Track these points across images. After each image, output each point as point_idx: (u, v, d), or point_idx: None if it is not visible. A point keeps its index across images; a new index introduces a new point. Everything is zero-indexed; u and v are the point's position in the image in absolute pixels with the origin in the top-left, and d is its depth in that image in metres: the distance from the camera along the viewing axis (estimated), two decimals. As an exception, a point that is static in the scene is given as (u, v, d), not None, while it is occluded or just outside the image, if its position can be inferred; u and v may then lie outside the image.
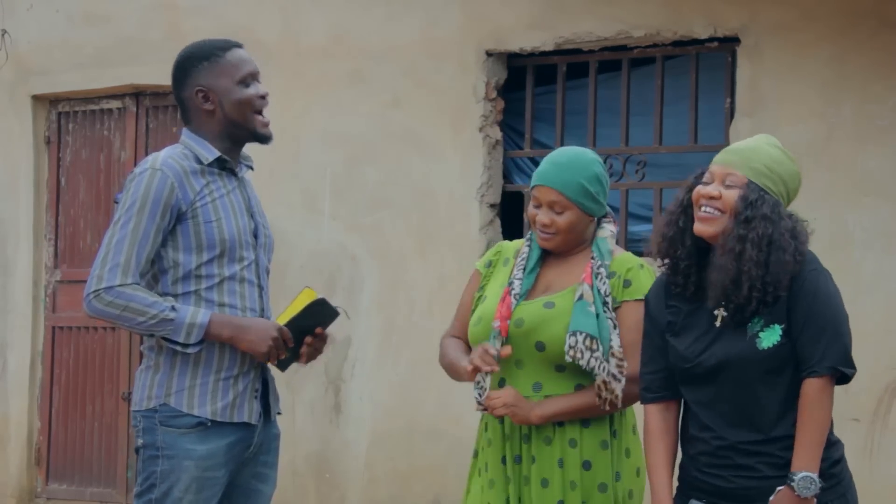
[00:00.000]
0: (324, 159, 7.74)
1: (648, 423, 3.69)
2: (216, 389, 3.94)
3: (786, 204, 3.58)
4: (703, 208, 3.57)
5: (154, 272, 3.98)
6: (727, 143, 6.69)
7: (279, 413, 4.18)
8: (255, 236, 4.08)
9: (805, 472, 3.44)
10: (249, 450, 4.04)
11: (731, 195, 3.54)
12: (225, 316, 3.94)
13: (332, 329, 4.23)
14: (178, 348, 3.91)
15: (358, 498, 7.58)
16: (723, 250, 3.53)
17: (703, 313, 3.58)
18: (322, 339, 4.14)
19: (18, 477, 8.67)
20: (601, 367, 3.74)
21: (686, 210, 3.63)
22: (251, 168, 4.19)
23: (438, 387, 7.04)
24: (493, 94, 7.32)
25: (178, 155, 3.99)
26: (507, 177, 7.43)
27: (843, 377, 3.52)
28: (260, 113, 4.07)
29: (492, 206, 7.33)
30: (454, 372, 3.98)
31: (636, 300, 3.83)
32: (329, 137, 7.73)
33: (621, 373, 3.76)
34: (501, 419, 3.90)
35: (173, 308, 3.87)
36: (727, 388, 3.54)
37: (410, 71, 7.52)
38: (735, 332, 3.53)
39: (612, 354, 3.76)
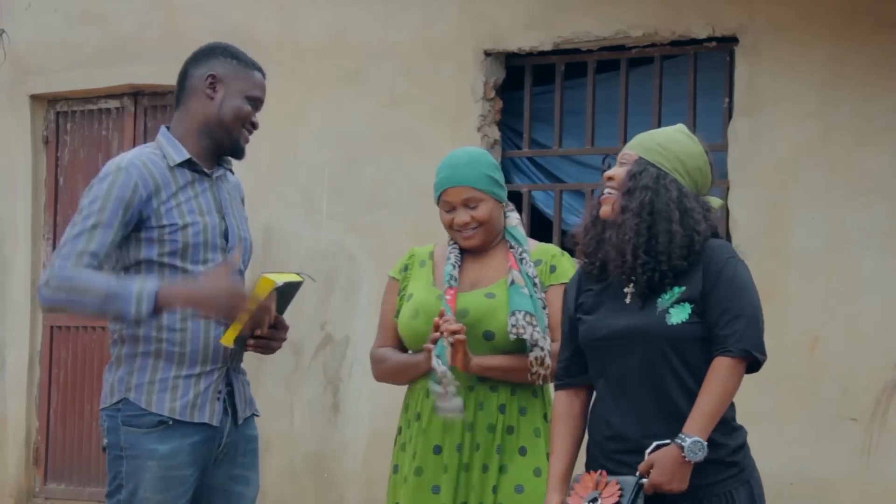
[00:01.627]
0: (322, 159, 7.74)
1: (555, 407, 3.74)
2: (176, 386, 3.91)
3: (691, 184, 3.62)
4: (604, 191, 3.66)
5: (118, 269, 3.94)
6: (725, 143, 6.70)
7: (256, 415, 4.13)
8: (226, 238, 4.03)
9: (697, 437, 3.42)
10: (219, 450, 3.99)
11: (621, 172, 3.63)
12: (176, 286, 3.85)
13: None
14: (131, 331, 3.86)
15: (356, 498, 7.58)
16: (611, 224, 3.62)
17: (614, 291, 3.63)
18: (280, 328, 4.03)
19: (17, 476, 8.67)
20: (542, 340, 3.89)
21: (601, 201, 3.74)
22: (230, 170, 4.15)
23: (437, 386, 7.03)
24: (492, 94, 7.32)
25: (147, 156, 3.95)
26: (505, 177, 7.43)
27: (754, 365, 3.53)
28: (246, 131, 4.06)
29: (490, 205, 7.33)
30: (405, 368, 4.05)
31: (561, 283, 3.98)
32: (327, 137, 7.73)
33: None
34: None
35: (119, 282, 3.81)
36: (634, 362, 3.55)
37: (408, 70, 7.52)
38: (644, 306, 3.57)
39: (547, 334, 3.92)
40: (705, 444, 3.42)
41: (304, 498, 7.73)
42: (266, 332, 3.97)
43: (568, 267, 4.04)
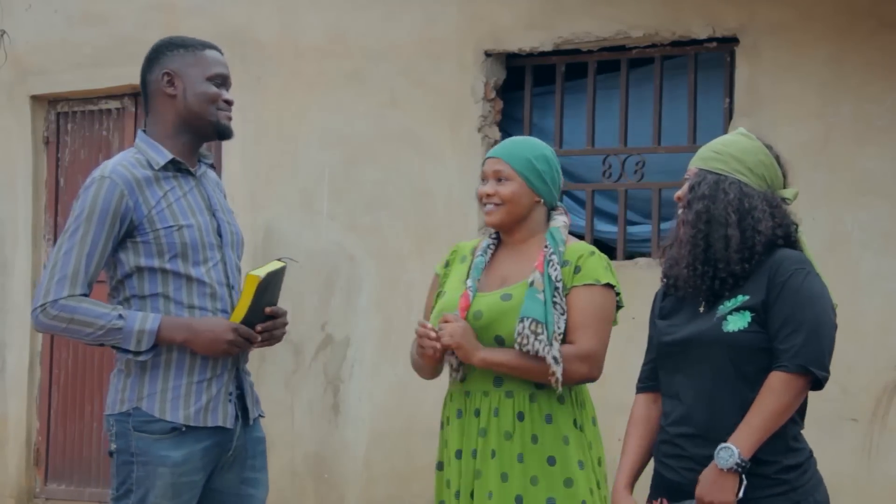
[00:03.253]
0: (322, 159, 7.74)
1: (633, 410, 3.74)
2: (189, 393, 3.89)
3: (757, 181, 3.57)
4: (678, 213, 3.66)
5: (119, 277, 3.92)
6: (725, 144, 6.69)
7: (262, 416, 4.11)
8: (220, 235, 4.01)
9: (730, 444, 3.40)
10: (229, 453, 3.98)
11: (685, 189, 3.62)
12: (176, 319, 3.86)
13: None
14: (130, 356, 3.85)
15: (357, 498, 7.58)
16: (677, 242, 3.62)
17: (693, 301, 3.61)
18: (279, 318, 4.01)
19: (17, 477, 8.67)
20: (545, 350, 3.80)
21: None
22: (211, 166, 4.13)
23: (437, 387, 6.99)
24: (492, 95, 7.32)
25: (130, 162, 3.92)
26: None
27: (816, 382, 3.47)
28: (223, 110, 4.01)
29: (490, 206, 7.32)
30: (418, 366, 4.08)
31: (585, 285, 3.90)
32: (327, 137, 7.73)
33: (562, 355, 3.83)
34: (460, 412, 3.96)
35: (121, 316, 3.81)
36: (691, 369, 3.53)
37: (408, 71, 7.52)
38: (707, 314, 3.54)
39: (556, 338, 3.82)
40: (736, 451, 3.38)
41: (305, 498, 7.73)
42: (264, 325, 3.96)
43: (595, 267, 3.91)
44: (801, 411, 3.54)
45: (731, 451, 3.39)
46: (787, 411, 3.44)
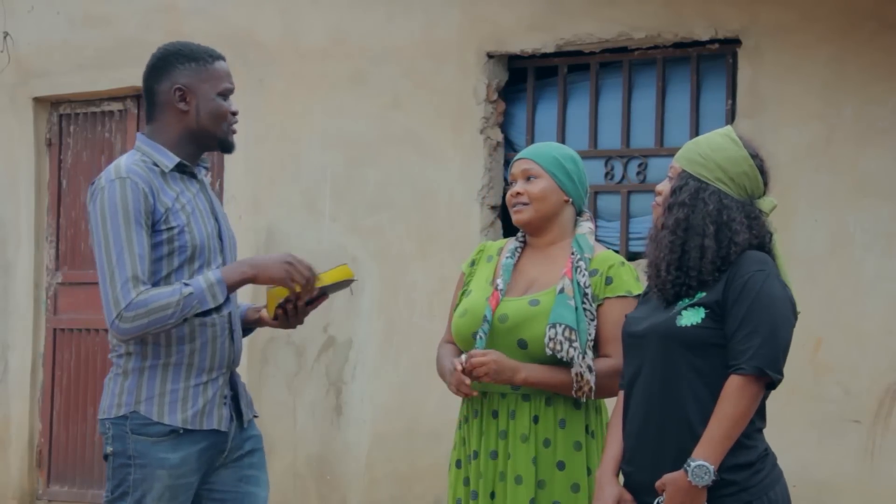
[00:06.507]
0: (324, 161, 7.75)
1: (616, 405, 3.73)
2: (186, 397, 3.92)
3: (738, 191, 3.58)
4: (657, 202, 3.68)
5: None
6: (728, 145, 6.69)
7: (256, 416, 4.15)
8: (220, 239, 4.05)
9: (702, 460, 3.40)
10: (223, 455, 4.01)
11: (666, 187, 3.64)
12: (231, 264, 3.93)
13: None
14: (215, 315, 3.88)
15: (358, 499, 7.58)
16: (651, 239, 3.64)
17: (658, 296, 3.64)
18: (312, 307, 4.08)
19: (20, 479, 8.68)
20: (579, 357, 3.81)
21: None
22: (207, 168, 4.16)
23: (439, 388, 7.00)
24: (494, 96, 7.32)
25: (139, 164, 3.93)
26: (508, 179, 7.43)
27: (771, 383, 3.48)
28: (230, 124, 4.05)
29: (493, 207, 7.33)
30: (442, 375, 4.04)
31: (618, 297, 3.92)
32: (329, 139, 7.74)
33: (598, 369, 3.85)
34: (477, 412, 3.96)
35: (186, 284, 3.82)
36: (647, 366, 3.55)
37: (411, 72, 7.52)
38: (666, 309, 3.57)
39: (589, 347, 3.84)
40: (711, 468, 3.39)
41: (307, 500, 7.73)
42: (302, 304, 4.00)
43: (626, 278, 3.93)
44: (760, 410, 3.53)
45: (706, 469, 3.39)
46: (745, 416, 3.44)
